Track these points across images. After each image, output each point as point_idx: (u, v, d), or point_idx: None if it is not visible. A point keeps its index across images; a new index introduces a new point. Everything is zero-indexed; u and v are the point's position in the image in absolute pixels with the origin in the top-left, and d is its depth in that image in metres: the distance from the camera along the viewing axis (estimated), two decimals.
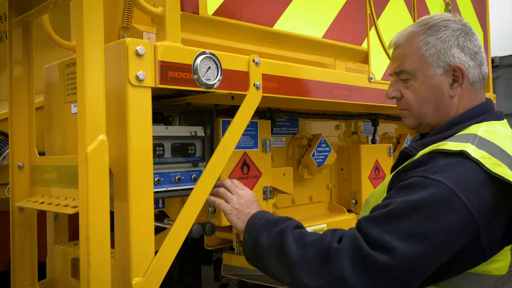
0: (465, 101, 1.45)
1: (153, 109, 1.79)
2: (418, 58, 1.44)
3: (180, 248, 3.07)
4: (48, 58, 1.91)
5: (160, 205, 1.97)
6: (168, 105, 1.87)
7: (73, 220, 1.67)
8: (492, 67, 8.89)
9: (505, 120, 1.51)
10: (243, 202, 1.60)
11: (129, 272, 1.39)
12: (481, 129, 1.38)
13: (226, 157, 1.68)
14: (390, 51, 2.48)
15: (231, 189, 1.65)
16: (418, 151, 1.38)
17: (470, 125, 1.41)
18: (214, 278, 3.02)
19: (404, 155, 1.48)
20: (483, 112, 1.45)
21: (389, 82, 2.44)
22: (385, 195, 1.39)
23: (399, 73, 1.50)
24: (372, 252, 1.19)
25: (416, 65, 1.44)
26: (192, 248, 2.98)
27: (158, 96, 1.86)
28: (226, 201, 1.63)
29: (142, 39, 1.75)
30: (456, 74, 1.42)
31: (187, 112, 1.93)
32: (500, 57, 8.75)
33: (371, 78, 2.30)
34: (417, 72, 1.44)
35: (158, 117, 1.85)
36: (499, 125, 1.44)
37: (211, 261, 2.93)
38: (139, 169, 1.41)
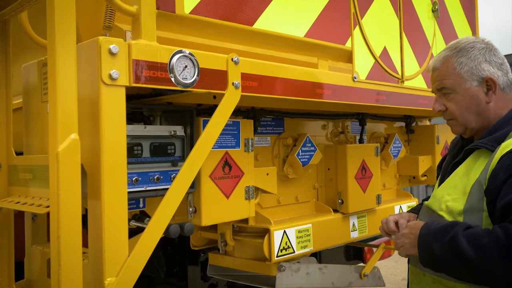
0: (500, 105, 1.71)
1: (132, 108, 1.80)
2: (456, 76, 1.72)
3: (167, 249, 3.08)
4: None
5: (141, 205, 1.96)
6: (147, 104, 1.86)
7: None
8: None
9: None
10: (409, 232, 1.67)
11: (101, 272, 1.38)
12: None
13: (204, 156, 1.67)
14: (375, 51, 2.49)
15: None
16: (494, 146, 1.60)
17: None
18: (202, 278, 3.01)
19: (470, 151, 1.69)
20: None
21: (374, 82, 2.45)
22: (467, 192, 1.59)
23: (441, 89, 1.76)
24: None
25: (454, 81, 1.72)
26: (179, 248, 2.97)
27: (138, 95, 1.86)
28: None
29: (125, 38, 1.74)
30: (489, 84, 1.70)
31: (168, 111, 1.93)
32: None
33: (355, 78, 2.29)
34: (456, 87, 1.72)
35: (138, 116, 1.84)
36: None
37: (198, 262, 2.92)
38: (112, 168, 1.40)
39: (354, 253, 3.87)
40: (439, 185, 1.81)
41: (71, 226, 1.31)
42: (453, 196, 1.65)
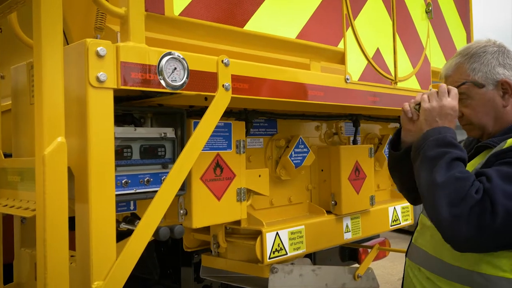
0: None
1: (123, 110, 1.79)
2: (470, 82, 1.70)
3: (161, 250, 3.07)
4: None
5: (132, 207, 1.95)
6: (138, 106, 1.85)
7: None
8: None
9: None
10: (439, 111, 1.64)
11: (89, 276, 1.37)
12: None
13: (194, 158, 1.67)
14: (368, 52, 2.48)
15: (440, 93, 1.68)
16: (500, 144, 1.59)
17: None
18: (196, 280, 3.00)
19: (481, 150, 1.69)
20: None
21: (367, 83, 2.44)
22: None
23: None
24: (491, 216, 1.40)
25: (469, 87, 1.69)
26: (173, 250, 2.97)
27: (128, 97, 1.85)
28: (428, 100, 1.70)
29: (117, 39, 1.73)
30: (504, 87, 1.67)
31: (159, 113, 1.92)
32: None
33: (347, 79, 2.29)
34: (471, 93, 1.70)
35: (129, 118, 1.83)
36: None
37: (191, 263, 2.91)
38: (100, 171, 1.39)
39: (349, 254, 3.87)
40: None
41: (58, 229, 1.30)
42: None
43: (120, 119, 1.81)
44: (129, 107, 1.81)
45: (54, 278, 1.29)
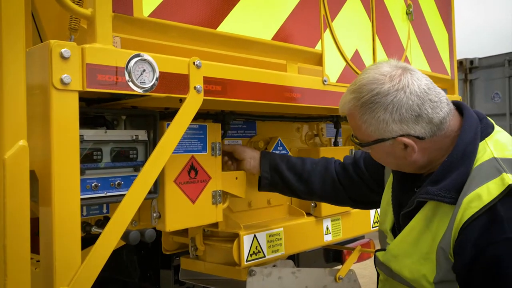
0: (431, 149, 1.46)
1: (94, 112, 1.77)
2: (363, 133, 1.48)
3: (141, 252, 3.04)
4: None
5: (105, 211, 1.93)
6: (110, 108, 1.83)
7: None
8: (471, 68, 8.99)
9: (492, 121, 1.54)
10: None
11: (52, 281, 1.35)
12: (492, 149, 1.40)
13: (164, 160, 1.65)
14: (347, 53, 2.47)
15: None
16: (453, 196, 1.35)
17: (475, 147, 1.41)
18: (177, 282, 2.98)
19: (422, 204, 1.45)
20: (474, 126, 1.44)
21: (345, 85, 2.43)
22: (432, 257, 1.39)
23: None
24: None
25: (364, 137, 1.50)
26: (153, 252, 2.94)
27: (99, 99, 1.83)
28: None
29: None
30: (405, 143, 1.43)
31: (132, 115, 1.90)
32: (479, 59, 8.82)
33: (325, 81, 2.28)
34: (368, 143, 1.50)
35: (100, 121, 1.81)
36: (497, 134, 1.47)
37: (171, 266, 2.89)
38: (64, 175, 1.37)
39: (333, 255, 3.86)
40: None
41: (18, 235, 1.27)
42: (414, 258, 1.45)
43: (92, 121, 1.79)
44: (101, 109, 1.79)
45: (14, 284, 1.26)
